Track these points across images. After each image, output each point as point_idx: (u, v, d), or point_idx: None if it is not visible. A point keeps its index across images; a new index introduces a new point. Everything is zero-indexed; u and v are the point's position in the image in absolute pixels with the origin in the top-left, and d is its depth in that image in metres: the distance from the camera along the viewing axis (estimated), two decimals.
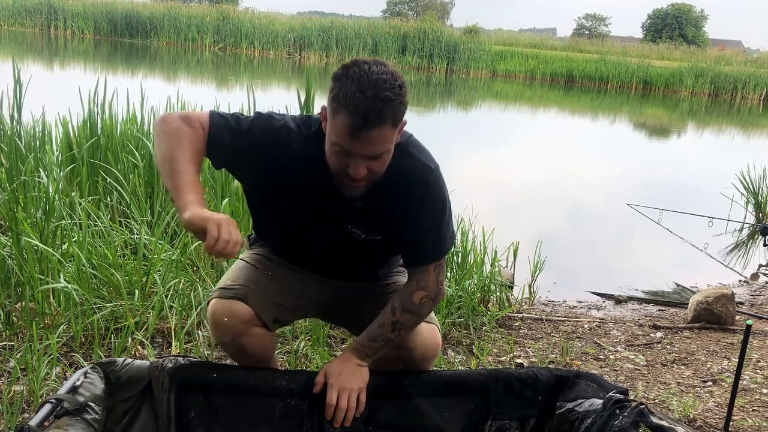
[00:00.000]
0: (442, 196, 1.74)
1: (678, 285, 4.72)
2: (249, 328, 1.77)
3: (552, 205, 7.08)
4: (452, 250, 3.67)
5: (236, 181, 3.92)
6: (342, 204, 1.69)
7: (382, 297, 1.87)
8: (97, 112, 4.45)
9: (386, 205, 1.70)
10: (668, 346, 3.36)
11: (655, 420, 1.60)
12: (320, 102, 1.74)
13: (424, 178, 1.69)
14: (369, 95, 1.44)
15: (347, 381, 1.72)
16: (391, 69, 1.52)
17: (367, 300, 1.90)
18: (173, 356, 1.81)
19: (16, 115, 4.02)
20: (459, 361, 2.90)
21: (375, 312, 1.82)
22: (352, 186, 1.60)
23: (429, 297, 1.77)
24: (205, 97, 6.02)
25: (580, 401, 1.78)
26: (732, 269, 5.23)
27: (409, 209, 1.70)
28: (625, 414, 1.63)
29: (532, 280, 4.13)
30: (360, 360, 1.76)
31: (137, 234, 3.25)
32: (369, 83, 1.46)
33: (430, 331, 1.87)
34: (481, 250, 3.90)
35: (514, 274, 4.25)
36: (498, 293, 3.70)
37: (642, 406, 1.63)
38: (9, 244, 2.87)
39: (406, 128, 1.67)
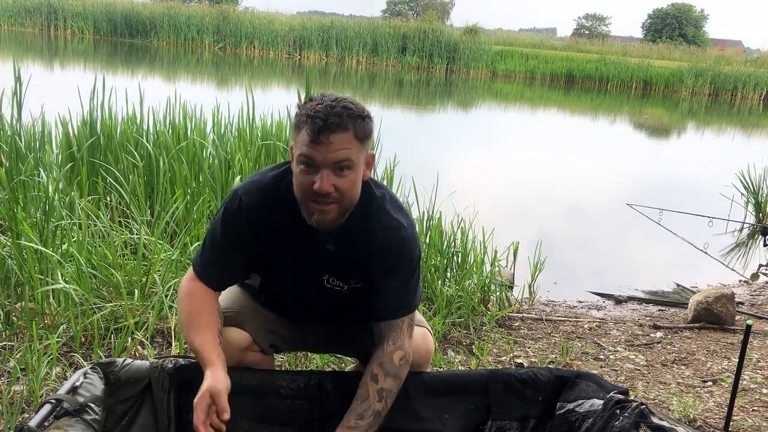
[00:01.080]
0: (416, 254, 1.74)
1: (678, 285, 4.72)
2: (246, 354, 1.80)
3: (552, 205, 7.08)
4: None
5: (236, 180, 3.93)
6: (316, 248, 1.67)
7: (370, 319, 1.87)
8: (97, 112, 4.46)
9: (360, 254, 1.68)
10: (668, 346, 3.36)
11: (655, 420, 1.60)
12: None
13: (399, 235, 1.68)
14: (329, 104, 1.52)
15: None
16: (354, 100, 1.58)
17: (357, 328, 1.89)
18: (173, 357, 1.81)
19: (16, 115, 4.02)
20: (459, 361, 2.90)
21: (365, 334, 1.81)
22: (321, 211, 1.56)
23: (406, 359, 1.71)
24: (206, 97, 6.02)
25: (580, 402, 1.78)
26: (732, 269, 5.23)
27: (384, 262, 1.68)
28: (626, 414, 1.63)
29: (532, 280, 4.13)
30: None
31: (137, 234, 3.25)
32: (329, 98, 1.54)
33: (421, 336, 1.86)
34: (481, 250, 3.90)
35: (514, 274, 4.25)
36: (498, 293, 3.70)
37: (642, 407, 1.63)
38: (9, 244, 2.87)
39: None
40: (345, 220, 1.63)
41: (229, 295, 1.87)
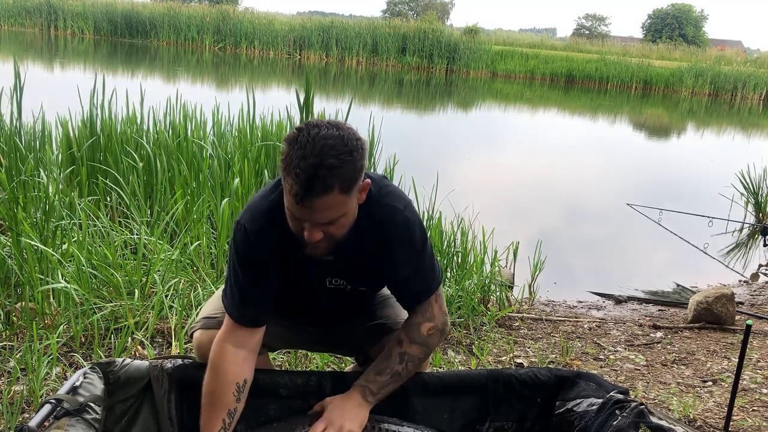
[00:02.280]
0: (421, 234, 1.70)
1: (678, 285, 4.72)
2: None
3: (552, 205, 7.08)
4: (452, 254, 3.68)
5: (236, 180, 3.93)
6: (317, 260, 1.65)
7: (369, 320, 1.89)
8: (97, 112, 4.46)
9: (361, 255, 1.68)
10: (668, 346, 3.36)
11: (654, 420, 1.59)
12: (320, 103, 1.73)
13: (399, 221, 1.65)
14: (311, 163, 1.39)
15: (340, 418, 1.66)
16: (344, 132, 1.45)
17: (353, 327, 1.91)
18: (172, 356, 1.81)
19: (16, 115, 4.03)
20: (459, 361, 2.90)
21: (362, 334, 1.83)
22: (312, 247, 1.55)
23: (437, 328, 1.73)
24: (205, 97, 6.02)
25: (579, 401, 1.78)
26: (732, 269, 5.23)
27: (393, 255, 1.67)
28: (625, 414, 1.63)
29: (532, 280, 4.13)
30: (363, 399, 1.70)
31: (137, 234, 3.26)
32: (314, 150, 1.40)
33: None
34: (481, 249, 3.90)
35: (514, 274, 4.25)
36: (498, 293, 3.70)
37: (641, 406, 1.63)
38: (9, 244, 2.87)
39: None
40: None
41: (218, 298, 1.86)
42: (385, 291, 1.93)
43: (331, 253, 1.62)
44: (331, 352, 2.42)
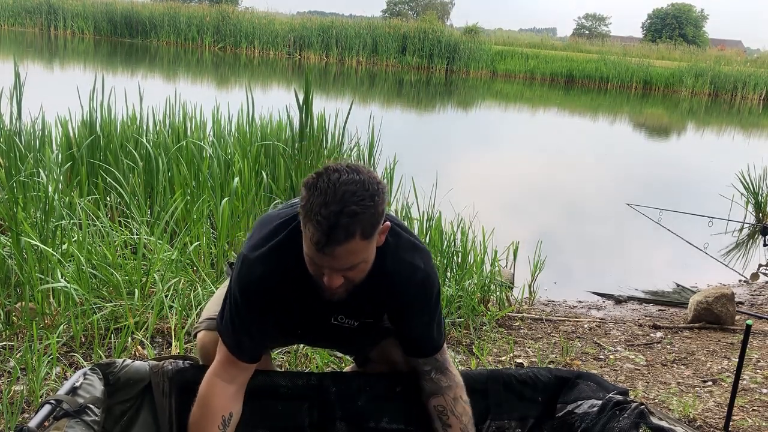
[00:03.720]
0: (434, 292, 1.69)
1: (678, 285, 4.71)
2: None
3: (552, 204, 7.08)
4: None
5: (235, 180, 3.93)
6: (327, 300, 1.62)
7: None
8: (97, 112, 4.46)
9: (374, 300, 1.67)
10: (668, 346, 3.35)
11: (654, 420, 1.60)
12: (319, 102, 1.72)
13: (419, 280, 1.64)
14: (333, 210, 1.37)
15: None
16: (365, 176, 1.43)
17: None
18: (172, 357, 1.81)
19: (15, 114, 4.02)
20: (459, 361, 2.90)
21: (363, 337, 1.83)
22: (331, 292, 1.53)
23: (459, 386, 1.76)
24: (205, 97, 6.02)
25: (580, 402, 1.78)
26: (732, 269, 5.22)
27: (410, 310, 1.68)
28: (625, 415, 1.63)
29: (532, 280, 4.13)
30: None
31: (137, 234, 3.25)
32: (335, 196, 1.38)
33: None
34: (481, 249, 3.90)
35: (514, 274, 4.24)
36: (498, 293, 3.70)
37: (642, 407, 1.63)
38: (9, 244, 2.87)
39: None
40: None
41: (221, 298, 1.86)
42: None
43: (346, 297, 1.60)
44: (331, 349, 2.43)
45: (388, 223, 1.52)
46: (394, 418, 1.84)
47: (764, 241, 5.27)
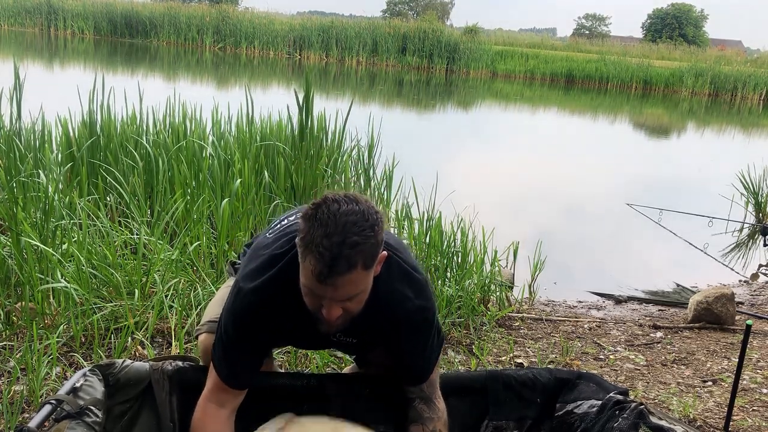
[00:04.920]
0: (428, 320, 1.69)
1: (678, 285, 4.71)
2: None
3: (552, 205, 7.08)
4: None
5: (236, 181, 3.93)
6: (324, 330, 1.62)
7: None
8: (97, 112, 4.46)
9: (368, 327, 1.67)
10: (668, 346, 3.35)
11: (654, 420, 1.60)
12: (319, 102, 1.71)
13: (407, 310, 1.63)
14: (336, 241, 1.37)
15: None
16: (363, 207, 1.43)
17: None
18: (172, 357, 1.81)
19: (15, 114, 4.02)
20: (459, 361, 2.90)
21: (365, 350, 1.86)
22: (328, 324, 1.53)
23: (443, 421, 1.76)
24: (205, 97, 6.02)
25: (579, 403, 1.78)
26: (732, 269, 5.23)
27: (397, 336, 1.68)
28: (625, 415, 1.63)
29: (532, 280, 4.13)
30: None
31: (137, 234, 3.25)
32: (336, 227, 1.38)
33: None
34: (481, 249, 3.89)
35: (514, 274, 4.24)
36: (498, 293, 3.70)
37: (641, 407, 1.63)
38: (9, 244, 2.87)
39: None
40: None
41: (222, 300, 1.86)
42: None
43: (343, 329, 1.61)
44: (332, 349, 2.42)
45: (385, 252, 1.51)
46: (394, 418, 1.84)
47: (764, 241, 5.27)
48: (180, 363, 1.78)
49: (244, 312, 1.61)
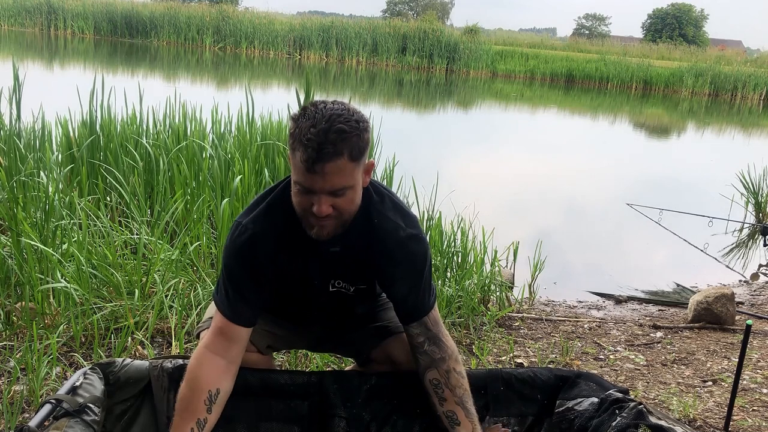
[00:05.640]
0: (419, 257, 1.69)
1: (678, 285, 4.71)
2: (244, 355, 1.78)
3: (552, 205, 7.08)
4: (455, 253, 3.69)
5: (236, 180, 3.93)
6: (321, 251, 1.65)
7: (371, 322, 1.91)
8: (97, 112, 4.46)
9: (363, 258, 1.68)
10: (668, 346, 3.36)
11: (653, 420, 1.60)
12: None
13: (398, 239, 1.65)
14: (321, 128, 1.44)
15: None
16: (350, 107, 1.51)
17: (356, 329, 1.92)
18: (172, 356, 1.82)
19: (15, 114, 4.02)
20: None
21: (364, 336, 1.87)
22: (320, 226, 1.55)
23: (455, 356, 1.75)
24: (205, 97, 6.02)
25: (579, 401, 1.78)
26: (732, 269, 5.23)
27: (389, 268, 1.68)
28: (623, 414, 1.63)
29: (532, 280, 4.13)
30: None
31: (137, 234, 3.25)
32: (322, 118, 1.45)
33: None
34: (481, 249, 3.90)
35: (514, 274, 4.25)
36: (498, 293, 3.70)
37: (640, 406, 1.63)
38: (9, 244, 2.87)
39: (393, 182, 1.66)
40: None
41: None
42: None
43: (336, 243, 1.62)
44: (333, 352, 2.43)
45: (372, 160, 1.58)
46: (394, 417, 1.84)
47: (764, 241, 5.28)
48: (180, 360, 1.78)
49: (243, 243, 1.64)
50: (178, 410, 1.63)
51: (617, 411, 1.65)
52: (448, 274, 3.70)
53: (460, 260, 3.85)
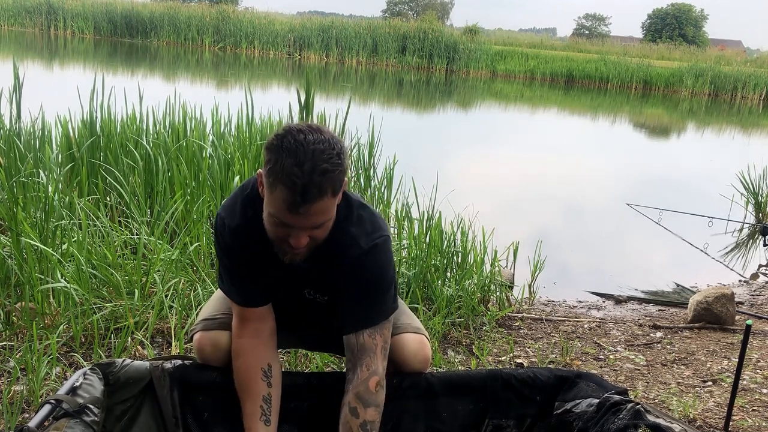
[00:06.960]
0: (375, 272, 1.65)
1: (678, 285, 4.71)
2: None
3: (552, 204, 7.08)
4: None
5: (235, 180, 3.93)
6: (291, 265, 1.62)
7: None
8: (97, 112, 4.46)
9: (329, 270, 1.67)
10: (668, 346, 3.36)
11: (651, 418, 1.59)
12: (320, 102, 1.72)
13: (353, 254, 1.61)
14: (306, 169, 1.37)
15: None
16: (328, 135, 1.44)
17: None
18: (172, 357, 1.82)
19: (15, 114, 4.03)
20: (459, 361, 2.90)
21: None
22: (294, 254, 1.53)
23: (381, 384, 1.63)
24: (205, 97, 6.02)
25: (578, 401, 1.78)
26: (732, 269, 5.22)
27: (344, 278, 1.65)
28: (621, 415, 1.63)
29: (532, 280, 4.13)
30: None
31: (137, 234, 3.25)
32: (306, 155, 1.38)
33: (418, 342, 1.84)
34: (481, 249, 3.89)
35: (514, 274, 4.24)
36: (498, 293, 3.70)
37: (638, 406, 1.63)
38: (9, 244, 2.87)
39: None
40: None
41: (217, 300, 1.88)
42: None
43: (306, 261, 1.61)
44: (332, 352, 2.43)
45: (346, 179, 1.53)
46: (391, 416, 1.84)
47: (764, 241, 5.28)
48: (180, 361, 1.78)
49: (223, 234, 1.66)
50: (241, 398, 1.67)
51: (615, 412, 1.65)
52: (448, 274, 3.70)
53: (460, 260, 3.85)
